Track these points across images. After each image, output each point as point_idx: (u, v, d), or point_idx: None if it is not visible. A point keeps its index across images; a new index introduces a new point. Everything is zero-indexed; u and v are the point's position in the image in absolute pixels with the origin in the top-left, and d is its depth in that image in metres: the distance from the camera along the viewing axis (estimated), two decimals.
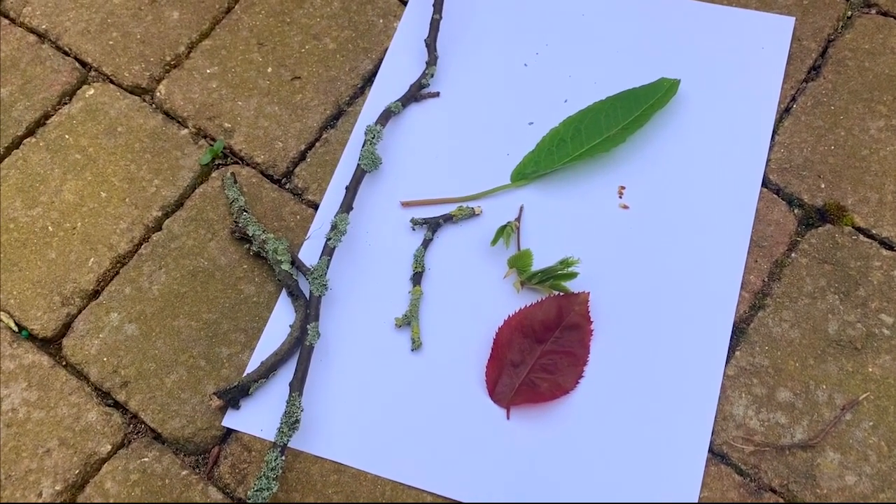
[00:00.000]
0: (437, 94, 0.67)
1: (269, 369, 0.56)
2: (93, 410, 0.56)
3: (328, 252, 0.58)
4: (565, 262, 0.56)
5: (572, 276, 0.57)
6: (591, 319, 0.56)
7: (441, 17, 0.68)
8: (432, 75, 0.67)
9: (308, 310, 0.56)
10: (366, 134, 0.63)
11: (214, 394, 0.55)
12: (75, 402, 0.57)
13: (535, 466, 0.53)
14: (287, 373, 0.56)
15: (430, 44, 0.67)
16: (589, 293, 0.57)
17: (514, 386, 0.55)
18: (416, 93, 0.66)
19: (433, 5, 0.68)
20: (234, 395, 0.55)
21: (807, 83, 0.65)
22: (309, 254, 0.61)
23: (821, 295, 0.57)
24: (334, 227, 0.59)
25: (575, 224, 0.61)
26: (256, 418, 0.55)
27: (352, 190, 0.61)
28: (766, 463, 0.52)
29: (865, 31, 0.67)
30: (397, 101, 0.65)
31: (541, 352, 0.56)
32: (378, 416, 0.55)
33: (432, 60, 0.67)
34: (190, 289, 0.60)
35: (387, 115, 0.64)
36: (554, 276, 0.57)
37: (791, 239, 0.59)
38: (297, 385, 0.54)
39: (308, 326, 0.56)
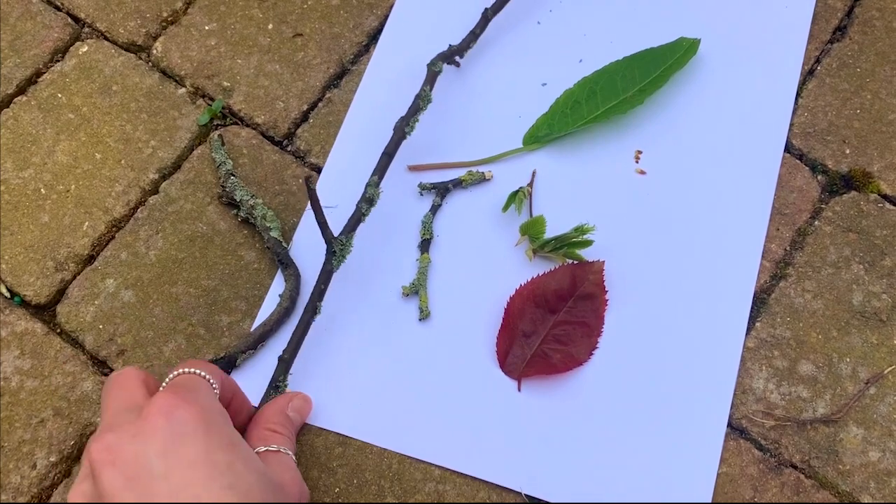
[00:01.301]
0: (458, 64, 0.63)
1: (257, 340, 0.54)
2: (88, 380, 0.54)
3: (353, 226, 0.54)
4: (580, 230, 0.54)
5: (587, 243, 0.55)
6: (606, 289, 0.54)
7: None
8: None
9: (322, 284, 0.53)
10: (419, 100, 0.59)
11: None
12: (70, 371, 0.55)
13: (547, 439, 0.51)
14: (278, 343, 0.54)
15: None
16: (604, 262, 0.54)
17: (526, 357, 0.53)
18: (469, 45, 0.62)
19: None
20: (221, 367, 0.53)
21: (832, 44, 0.62)
22: (309, 224, 0.58)
23: (845, 264, 0.55)
24: (366, 197, 0.55)
25: (589, 190, 0.58)
26: (247, 389, 0.52)
27: (388, 155, 0.57)
28: (787, 438, 0.50)
29: None
30: (436, 59, 0.60)
31: (553, 322, 0.54)
32: (384, 387, 0.53)
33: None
34: (188, 254, 0.58)
35: (433, 78, 0.60)
36: (568, 243, 0.55)
37: (814, 206, 0.57)
38: (286, 364, 0.52)
39: (318, 304, 0.53)
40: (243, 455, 0.40)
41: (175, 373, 0.43)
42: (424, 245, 0.57)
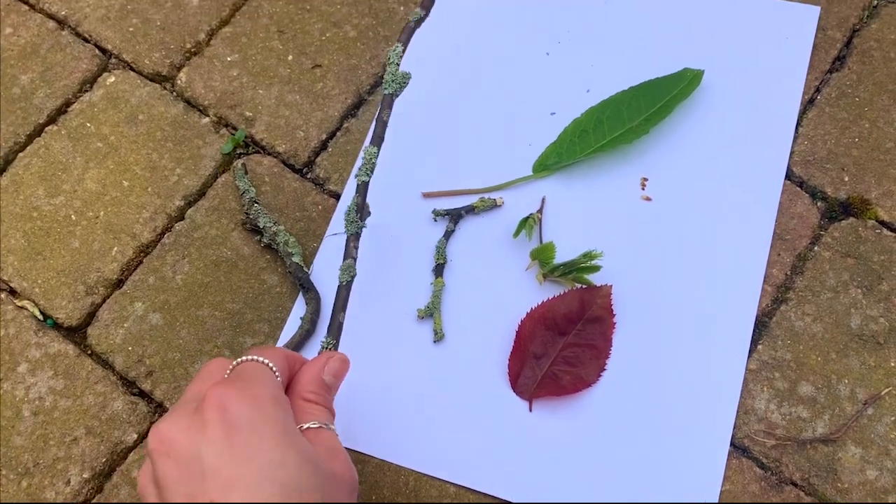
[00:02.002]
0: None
1: None
2: (118, 399, 0.57)
3: (360, 191, 0.55)
4: (588, 255, 0.56)
5: (595, 269, 0.57)
6: (614, 312, 0.56)
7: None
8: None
9: (350, 247, 0.54)
10: (387, 58, 0.58)
11: None
12: (101, 391, 0.57)
13: (557, 458, 0.53)
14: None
15: None
16: (611, 286, 0.57)
17: (537, 378, 0.55)
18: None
19: None
20: None
21: (831, 74, 0.64)
22: (329, 249, 0.61)
23: (843, 289, 0.57)
24: (363, 161, 0.56)
25: (597, 216, 0.61)
26: None
27: (380, 121, 0.56)
28: (788, 457, 0.52)
29: (891, 20, 0.66)
30: (417, 9, 0.59)
31: (563, 344, 0.56)
32: (400, 407, 0.56)
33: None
34: (213, 278, 0.60)
35: (409, 32, 0.58)
36: (577, 268, 0.57)
37: (814, 232, 0.59)
38: (335, 332, 0.53)
39: (343, 263, 0.54)
40: (297, 449, 0.39)
41: (241, 360, 0.43)
42: (438, 269, 0.60)
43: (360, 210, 0.55)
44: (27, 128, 0.67)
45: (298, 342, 0.57)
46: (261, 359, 0.42)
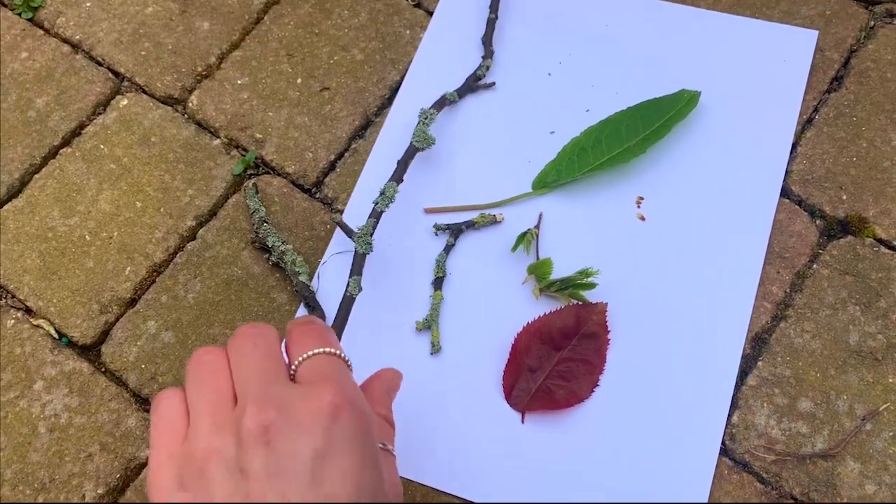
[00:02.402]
0: (493, 85, 0.69)
1: None
2: (132, 416, 0.58)
3: (375, 215, 0.60)
4: (584, 273, 0.58)
5: (591, 286, 0.58)
6: (609, 329, 0.57)
7: (497, 17, 0.70)
8: (488, 67, 0.68)
9: (353, 266, 0.58)
10: (420, 115, 0.64)
11: None
12: (115, 408, 0.59)
13: (548, 470, 0.54)
14: None
15: (487, 41, 0.69)
16: (607, 304, 0.58)
17: (531, 391, 0.56)
18: (473, 84, 0.68)
19: (489, 6, 0.71)
20: None
21: (829, 94, 0.66)
22: (333, 267, 0.62)
23: (842, 306, 0.58)
24: (383, 193, 0.61)
25: (594, 232, 0.62)
26: None
27: (403, 164, 0.62)
28: (788, 472, 0.53)
29: (888, 41, 0.67)
30: (454, 91, 0.67)
31: (558, 359, 0.57)
32: (397, 417, 0.56)
33: (488, 55, 0.69)
34: (224, 297, 0.62)
35: (442, 102, 0.66)
36: (573, 284, 0.58)
37: (813, 250, 0.60)
38: (338, 330, 0.55)
39: (350, 279, 0.57)
40: (384, 476, 0.37)
41: (314, 352, 0.39)
42: (438, 283, 0.61)
43: (373, 232, 0.59)
44: (42, 150, 0.69)
45: None
46: (338, 352, 0.39)
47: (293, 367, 0.39)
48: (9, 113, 0.71)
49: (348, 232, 0.60)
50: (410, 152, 0.63)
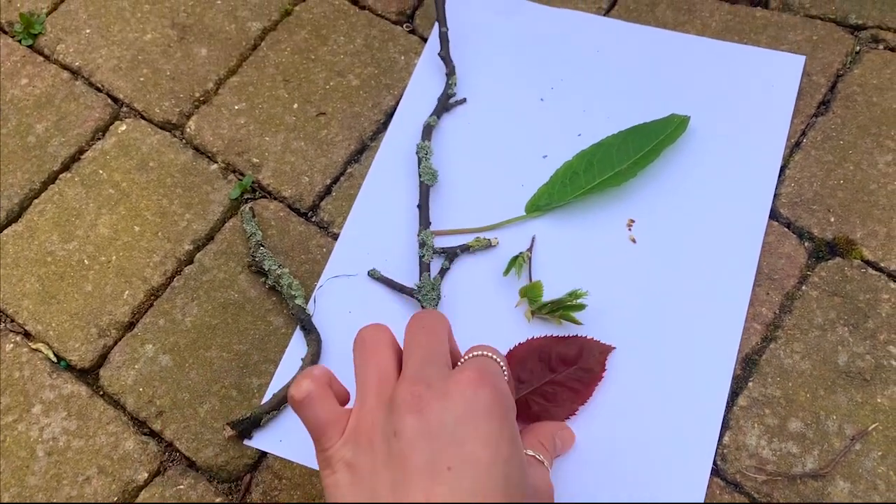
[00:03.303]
0: (464, 101, 0.70)
1: (280, 402, 0.58)
2: (130, 439, 0.59)
3: (426, 268, 0.62)
4: (574, 294, 0.59)
5: (580, 307, 0.59)
6: (605, 369, 0.58)
7: (448, 29, 0.71)
8: (455, 84, 0.70)
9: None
10: (418, 152, 0.66)
11: (228, 424, 0.57)
12: (113, 432, 0.59)
13: None
14: None
15: (445, 55, 0.71)
16: (614, 347, 0.58)
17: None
18: (447, 103, 0.69)
19: (437, 20, 0.72)
20: (247, 427, 0.57)
21: (816, 118, 0.67)
22: (328, 291, 0.63)
23: (831, 327, 0.59)
24: (423, 244, 0.63)
25: (585, 255, 0.63)
26: (270, 447, 0.57)
27: (425, 206, 0.64)
28: (779, 492, 0.54)
29: (873, 66, 0.68)
30: (432, 115, 0.69)
31: (549, 380, 0.57)
32: None
33: (451, 71, 0.70)
34: (221, 321, 0.63)
35: (429, 130, 0.68)
36: (563, 306, 0.59)
37: (801, 272, 0.61)
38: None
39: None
40: (520, 453, 0.41)
41: (474, 354, 0.45)
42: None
43: (433, 286, 0.62)
44: (42, 175, 0.70)
45: None
46: (495, 357, 0.45)
47: (460, 361, 0.45)
48: (9, 138, 0.72)
49: (401, 289, 0.62)
50: (425, 192, 0.65)
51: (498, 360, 0.45)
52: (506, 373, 0.45)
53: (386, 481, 0.39)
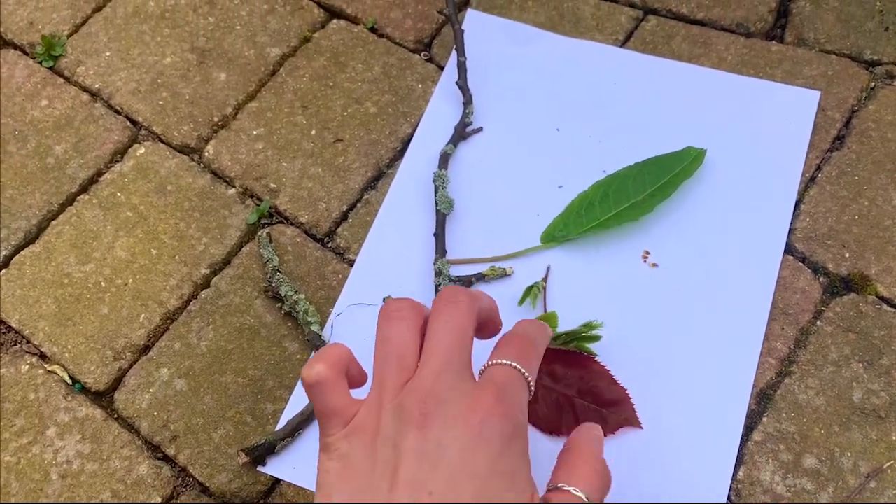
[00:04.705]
0: (480, 129, 0.71)
1: (295, 429, 0.58)
2: (143, 464, 0.59)
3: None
4: (588, 326, 0.59)
5: (595, 339, 0.59)
6: (623, 430, 0.58)
7: (466, 59, 0.72)
8: (471, 113, 0.71)
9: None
10: (435, 181, 0.67)
11: (242, 450, 0.57)
12: (127, 456, 0.59)
13: None
14: (313, 430, 0.58)
15: (463, 85, 0.71)
16: (642, 428, 0.58)
17: None
18: (463, 131, 0.70)
19: (455, 49, 0.73)
20: (261, 453, 0.57)
21: (831, 153, 0.67)
22: (344, 317, 0.63)
23: (845, 363, 0.59)
24: (439, 272, 0.63)
25: (600, 286, 0.63)
26: (283, 474, 0.58)
27: (441, 235, 0.65)
28: None
29: (888, 102, 0.69)
30: (448, 143, 0.69)
31: (559, 392, 0.57)
32: None
33: (468, 100, 0.71)
34: (237, 345, 0.63)
35: (445, 159, 0.69)
36: (577, 338, 0.59)
37: (816, 307, 0.61)
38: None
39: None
40: (518, 486, 0.40)
41: (501, 362, 0.43)
42: None
43: None
44: (60, 196, 0.70)
45: (312, 411, 0.59)
46: (521, 369, 0.43)
47: (486, 364, 0.43)
48: (28, 159, 0.72)
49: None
50: (441, 221, 0.65)
51: (527, 376, 0.43)
52: (531, 383, 0.43)
53: (372, 484, 0.39)
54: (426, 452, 0.39)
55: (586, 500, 0.41)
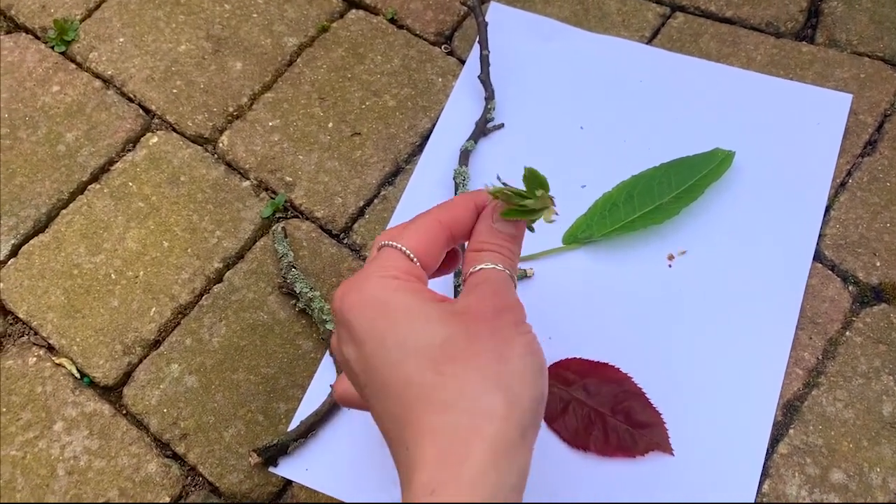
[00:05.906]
0: (501, 126, 0.69)
1: (308, 429, 0.57)
2: (152, 461, 0.57)
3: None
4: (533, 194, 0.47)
5: (536, 212, 0.47)
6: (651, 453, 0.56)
7: (489, 52, 0.70)
8: (493, 109, 0.69)
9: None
10: (455, 178, 0.65)
11: (253, 450, 0.56)
12: (135, 453, 0.58)
13: None
14: (327, 432, 0.57)
15: (485, 79, 0.69)
16: (673, 454, 0.56)
17: None
18: (484, 127, 0.68)
19: (478, 42, 0.71)
20: (273, 454, 0.56)
21: (863, 158, 0.65)
22: None
23: (875, 375, 0.57)
24: (458, 273, 0.61)
25: (623, 289, 0.61)
26: (296, 476, 0.56)
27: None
28: None
29: None
30: (469, 139, 0.67)
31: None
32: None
33: (490, 95, 0.69)
34: (249, 342, 0.61)
35: (466, 155, 0.67)
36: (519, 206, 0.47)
37: (846, 317, 0.59)
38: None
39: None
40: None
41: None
42: None
43: None
44: (70, 185, 0.69)
45: (328, 410, 0.57)
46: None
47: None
48: (38, 146, 0.71)
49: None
50: None
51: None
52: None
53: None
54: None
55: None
